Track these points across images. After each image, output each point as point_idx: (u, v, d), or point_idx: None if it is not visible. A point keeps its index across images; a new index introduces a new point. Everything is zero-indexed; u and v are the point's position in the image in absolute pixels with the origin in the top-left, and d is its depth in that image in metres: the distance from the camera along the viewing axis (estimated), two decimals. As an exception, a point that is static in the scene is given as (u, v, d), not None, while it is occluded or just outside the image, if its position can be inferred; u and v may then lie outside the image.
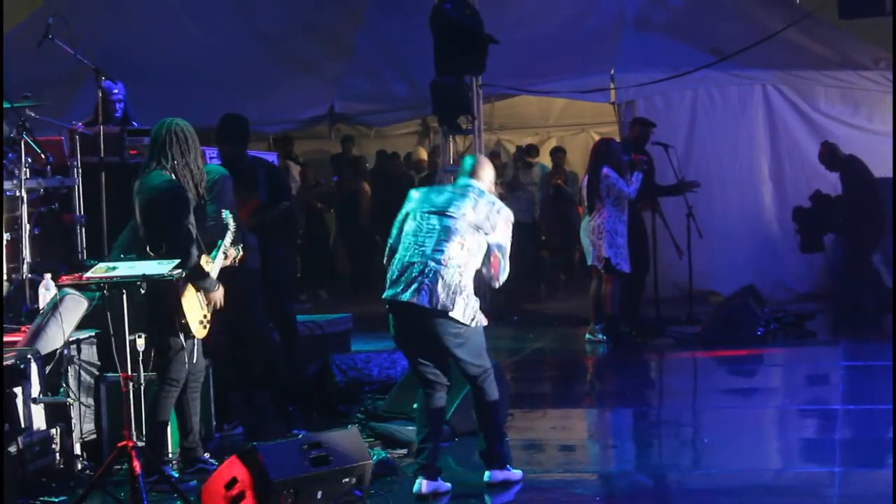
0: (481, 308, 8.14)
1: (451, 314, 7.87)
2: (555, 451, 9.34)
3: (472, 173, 8.20)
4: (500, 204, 8.13)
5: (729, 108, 16.84)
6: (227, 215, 8.45)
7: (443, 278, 7.88)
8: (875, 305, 14.66)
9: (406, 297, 7.89)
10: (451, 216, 8.00)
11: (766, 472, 8.35)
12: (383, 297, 8.08)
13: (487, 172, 8.27)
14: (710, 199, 16.14)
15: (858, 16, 16.62)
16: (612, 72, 16.33)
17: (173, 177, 8.02)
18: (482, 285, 8.42)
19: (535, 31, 17.52)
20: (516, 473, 8.10)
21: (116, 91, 10.94)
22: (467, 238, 7.97)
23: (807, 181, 16.13)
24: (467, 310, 7.94)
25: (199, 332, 8.12)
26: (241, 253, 8.57)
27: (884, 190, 14.65)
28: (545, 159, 19.90)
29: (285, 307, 10.36)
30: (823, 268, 15.96)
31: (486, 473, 8.06)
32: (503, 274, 8.13)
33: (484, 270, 8.12)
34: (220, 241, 8.37)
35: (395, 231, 8.19)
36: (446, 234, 7.97)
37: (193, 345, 8.15)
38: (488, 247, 8.03)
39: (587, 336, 13.97)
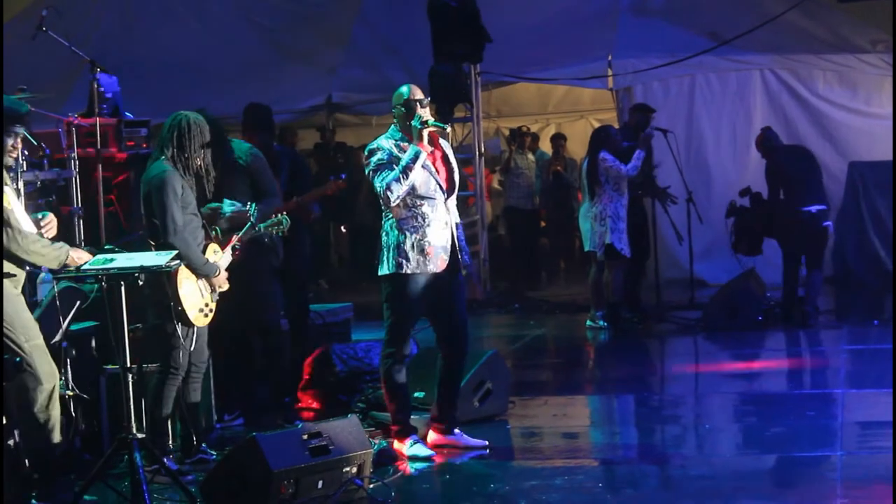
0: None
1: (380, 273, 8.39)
2: (556, 439, 9.32)
3: None
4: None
5: (727, 93, 16.84)
6: (252, 208, 8.49)
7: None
8: (877, 286, 14.64)
9: None
10: None
11: (768, 456, 8.34)
12: None
13: None
14: (710, 184, 16.15)
15: (856, -1, 16.64)
16: (610, 58, 16.32)
17: (169, 167, 8.04)
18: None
19: (533, 19, 17.52)
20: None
21: (103, 89, 10.88)
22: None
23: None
24: (388, 262, 8.32)
25: (199, 320, 8.07)
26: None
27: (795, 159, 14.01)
28: (545, 146, 19.89)
29: (300, 297, 10.38)
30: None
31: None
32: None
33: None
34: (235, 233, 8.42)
35: None
36: None
37: (193, 333, 8.12)
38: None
39: (588, 323, 13.94)
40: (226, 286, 8.26)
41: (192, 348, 8.14)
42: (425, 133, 8.23)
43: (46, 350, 7.27)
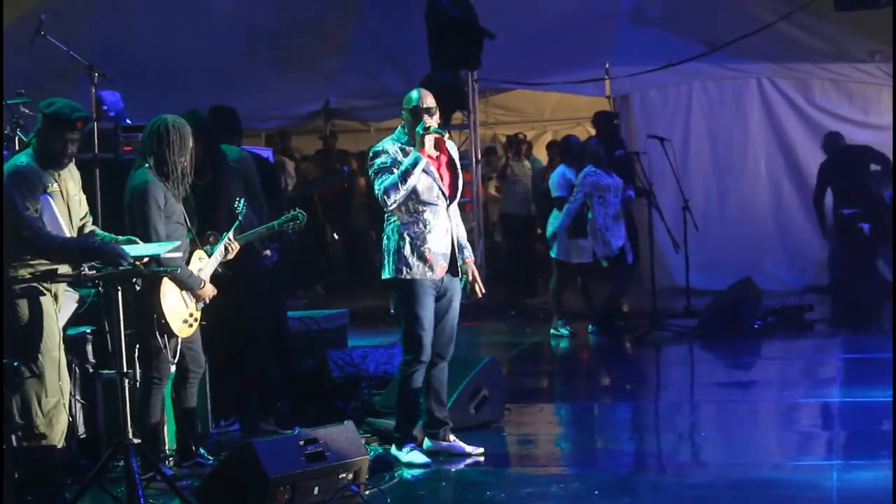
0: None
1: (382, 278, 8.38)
2: (552, 446, 9.31)
3: None
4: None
5: (725, 101, 16.84)
6: (241, 205, 8.43)
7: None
8: (875, 295, 14.67)
9: None
10: None
11: (764, 465, 8.33)
12: None
13: None
14: (707, 192, 16.16)
15: (854, 8, 16.62)
16: (607, 65, 16.32)
17: (151, 175, 7.96)
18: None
19: (530, 25, 17.52)
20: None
21: (106, 107, 10.82)
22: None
23: (801, 175, 16.18)
24: (388, 266, 8.31)
25: (183, 331, 7.99)
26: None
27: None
28: (541, 153, 19.88)
29: (279, 303, 10.34)
30: (821, 260, 15.85)
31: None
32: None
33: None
34: (224, 233, 8.35)
35: None
36: None
37: (177, 343, 8.05)
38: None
39: (552, 331, 14.06)
40: (210, 296, 8.19)
41: (174, 359, 8.07)
42: (427, 140, 8.22)
43: (61, 364, 7.25)
